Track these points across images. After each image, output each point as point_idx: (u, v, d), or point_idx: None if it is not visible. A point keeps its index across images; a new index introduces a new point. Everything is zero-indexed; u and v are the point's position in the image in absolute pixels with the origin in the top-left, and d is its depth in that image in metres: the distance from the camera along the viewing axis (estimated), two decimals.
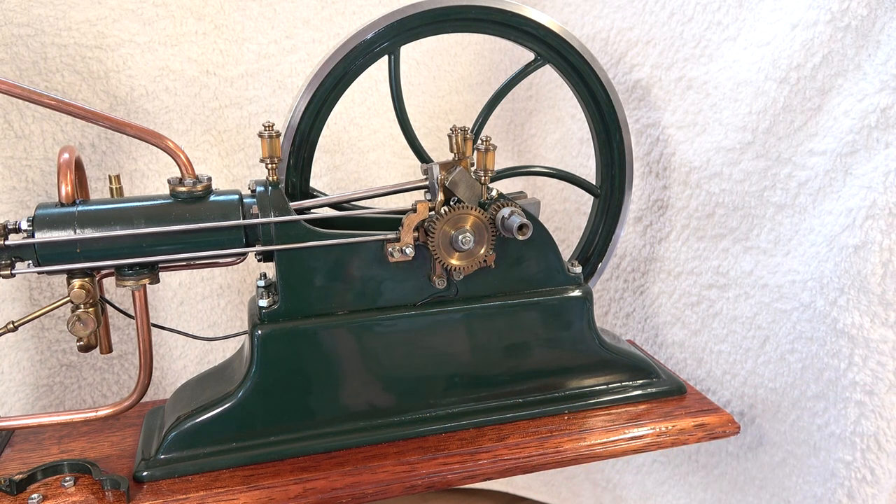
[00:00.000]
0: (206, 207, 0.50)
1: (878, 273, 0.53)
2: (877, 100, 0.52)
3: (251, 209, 0.51)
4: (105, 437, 0.57)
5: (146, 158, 0.68)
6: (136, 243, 0.48)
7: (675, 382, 0.64)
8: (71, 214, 0.47)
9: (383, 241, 0.53)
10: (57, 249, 0.47)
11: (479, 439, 0.56)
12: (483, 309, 0.57)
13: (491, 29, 0.59)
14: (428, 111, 0.86)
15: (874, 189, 0.53)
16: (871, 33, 0.53)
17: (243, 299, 0.77)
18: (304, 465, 0.53)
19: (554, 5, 0.79)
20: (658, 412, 0.60)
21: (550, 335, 0.59)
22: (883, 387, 0.55)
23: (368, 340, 0.55)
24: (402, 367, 0.56)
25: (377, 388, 0.56)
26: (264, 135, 0.51)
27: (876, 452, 0.56)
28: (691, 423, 0.59)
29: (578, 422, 0.58)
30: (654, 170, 0.72)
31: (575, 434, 0.57)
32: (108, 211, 0.48)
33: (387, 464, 0.53)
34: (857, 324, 0.55)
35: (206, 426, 0.52)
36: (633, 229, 0.76)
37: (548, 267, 0.58)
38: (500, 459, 0.54)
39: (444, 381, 0.57)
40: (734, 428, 0.60)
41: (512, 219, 0.53)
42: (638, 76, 0.71)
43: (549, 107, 0.83)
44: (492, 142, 0.55)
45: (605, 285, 0.81)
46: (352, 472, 0.52)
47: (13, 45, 0.60)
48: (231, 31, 0.70)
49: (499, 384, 0.59)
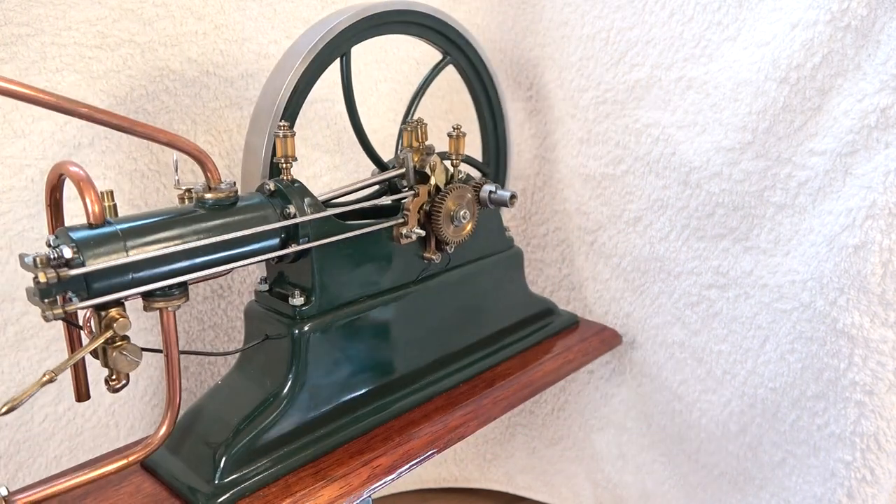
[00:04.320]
0: (244, 213, 0.48)
1: (878, 273, 0.53)
2: (877, 100, 0.52)
3: (286, 209, 0.51)
4: (116, 493, 0.50)
5: (146, 159, 0.68)
6: (186, 259, 0.45)
7: (572, 316, 0.78)
8: (115, 235, 0.42)
9: (393, 227, 0.57)
10: (109, 277, 0.41)
11: (476, 389, 0.63)
12: (464, 274, 0.65)
13: (411, 30, 0.64)
14: (428, 111, 0.86)
15: (874, 189, 0.53)
16: (871, 33, 0.53)
17: (243, 300, 0.77)
18: (355, 450, 0.54)
19: (554, 5, 0.79)
20: (572, 338, 0.75)
21: (505, 288, 0.70)
22: (883, 387, 0.55)
23: (387, 320, 0.59)
24: (412, 339, 0.61)
25: (397, 362, 0.60)
26: (279, 134, 0.51)
27: (876, 452, 0.56)
28: (597, 341, 0.75)
29: (533, 357, 0.70)
30: (654, 170, 0.72)
31: (536, 367, 0.68)
32: (150, 228, 0.44)
33: (422, 428, 0.58)
34: (857, 324, 0.55)
35: (261, 435, 0.51)
36: (633, 229, 0.76)
37: (496, 234, 0.69)
38: (499, 400, 0.63)
39: (441, 345, 0.64)
40: (618, 339, 0.77)
41: (500, 192, 0.61)
42: (638, 76, 0.71)
43: (549, 107, 0.83)
44: (462, 129, 0.62)
45: (605, 285, 0.81)
46: (400, 443, 0.56)
47: (13, 44, 0.60)
48: (231, 31, 0.71)
49: (476, 339, 0.68)
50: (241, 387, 0.56)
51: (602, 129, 0.75)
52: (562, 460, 0.95)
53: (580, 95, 0.76)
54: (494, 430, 0.99)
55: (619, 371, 0.84)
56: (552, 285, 0.89)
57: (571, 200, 0.82)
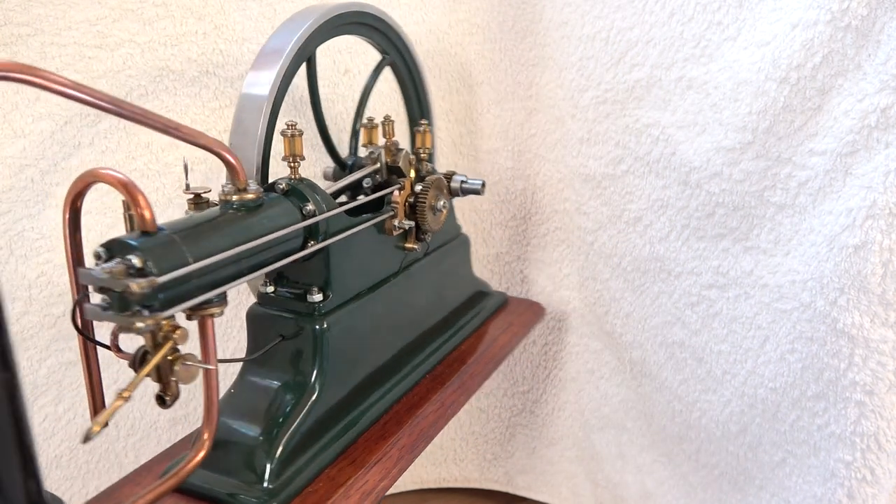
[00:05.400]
0: (273, 213, 0.48)
1: (878, 273, 0.53)
2: (877, 100, 0.52)
3: (305, 207, 0.51)
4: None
5: (145, 158, 0.68)
6: (235, 264, 0.44)
7: (502, 294, 0.83)
8: (174, 241, 0.40)
9: (385, 219, 0.60)
10: (177, 287, 0.39)
11: (453, 368, 0.67)
12: (432, 261, 0.69)
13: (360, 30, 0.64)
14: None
15: (874, 189, 0.53)
16: (872, 33, 0.53)
17: (242, 299, 0.77)
18: (376, 436, 0.55)
19: (554, 5, 0.79)
20: (510, 314, 0.80)
21: (458, 272, 0.76)
22: (883, 387, 0.55)
23: (380, 309, 0.61)
24: (398, 326, 0.64)
25: (388, 348, 0.63)
26: (287, 133, 0.51)
27: (876, 452, 0.56)
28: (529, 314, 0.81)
29: (486, 334, 0.75)
30: (654, 170, 0.72)
31: (492, 342, 0.73)
32: (201, 233, 0.42)
33: (426, 408, 0.60)
34: (857, 324, 0.55)
35: (298, 432, 0.51)
36: (633, 229, 0.76)
37: (452, 222, 0.73)
38: (475, 375, 0.67)
39: (417, 329, 0.67)
40: (543, 310, 0.83)
41: (471, 181, 0.67)
42: (638, 76, 0.71)
43: (549, 107, 0.83)
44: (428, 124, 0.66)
45: (606, 285, 0.81)
46: (413, 424, 0.58)
47: (13, 44, 0.60)
48: (231, 31, 0.71)
49: (441, 321, 0.72)
50: (261, 390, 0.55)
51: (602, 129, 0.75)
52: (562, 460, 0.95)
53: (580, 95, 0.76)
54: (494, 430, 0.99)
55: (619, 371, 0.84)
56: (552, 285, 0.89)
57: (571, 200, 0.82)
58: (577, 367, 0.90)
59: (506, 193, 0.89)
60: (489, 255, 0.92)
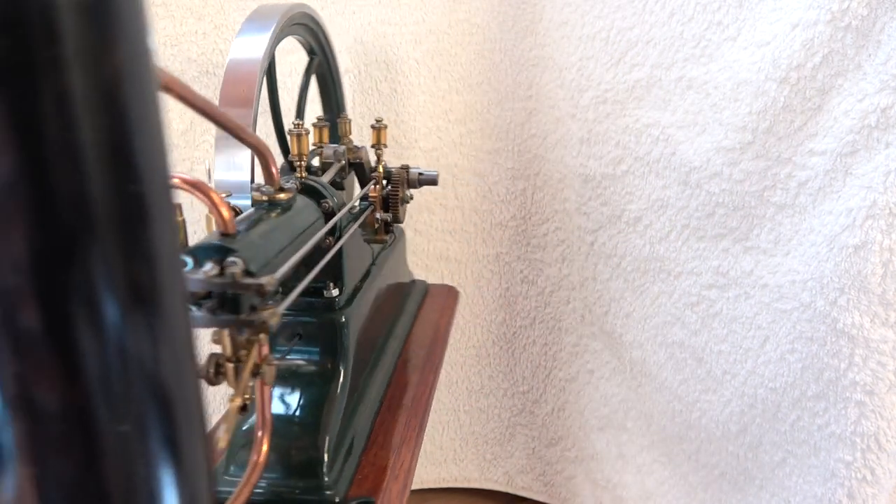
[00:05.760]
0: (304, 212, 0.49)
1: (878, 273, 0.53)
2: (877, 100, 0.52)
3: (324, 204, 0.52)
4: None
5: None
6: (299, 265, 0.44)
7: (423, 282, 0.84)
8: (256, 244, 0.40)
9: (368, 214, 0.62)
10: None
11: (417, 352, 0.70)
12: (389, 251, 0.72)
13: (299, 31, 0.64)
14: (428, 111, 0.86)
15: (874, 189, 0.53)
16: (872, 33, 0.53)
17: None
18: (387, 420, 0.57)
19: (554, 5, 0.79)
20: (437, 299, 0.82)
21: (402, 261, 0.78)
22: (883, 387, 0.55)
23: (369, 298, 0.63)
24: (374, 314, 0.65)
25: (372, 336, 0.65)
26: (293, 132, 0.52)
27: (876, 452, 0.56)
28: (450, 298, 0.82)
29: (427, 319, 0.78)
30: (654, 170, 0.72)
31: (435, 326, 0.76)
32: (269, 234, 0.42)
33: (409, 392, 0.63)
34: (857, 324, 0.55)
35: (337, 421, 0.51)
36: (633, 229, 0.76)
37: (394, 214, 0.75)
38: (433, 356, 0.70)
39: (386, 314, 0.70)
40: (456, 291, 0.84)
41: (428, 173, 0.68)
42: (638, 76, 0.71)
43: (550, 107, 0.83)
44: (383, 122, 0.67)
45: (606, 285, 0.81)
46: (409, 406, 0.60)
47: None
48: (231, 31, 0.70)
49: (395, 306, 0.74)
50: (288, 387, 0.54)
51: (602, 129, 0.75)
52: (562, 460, 0.95)
53: (580, 95, 0.76)
54: (494, 431, 0.99)
55: (619, 371, 0.84)
56: (552, 285, 0.89)
57: (571, 200, 0.82)
58: (577, 368, 0.90)
59: (506, 193, 0.89)
60: (489, 255, 0.92)
